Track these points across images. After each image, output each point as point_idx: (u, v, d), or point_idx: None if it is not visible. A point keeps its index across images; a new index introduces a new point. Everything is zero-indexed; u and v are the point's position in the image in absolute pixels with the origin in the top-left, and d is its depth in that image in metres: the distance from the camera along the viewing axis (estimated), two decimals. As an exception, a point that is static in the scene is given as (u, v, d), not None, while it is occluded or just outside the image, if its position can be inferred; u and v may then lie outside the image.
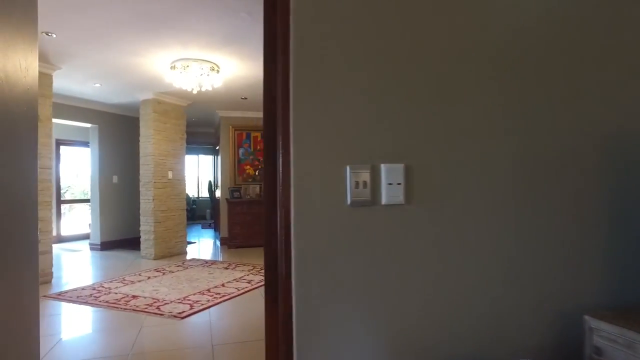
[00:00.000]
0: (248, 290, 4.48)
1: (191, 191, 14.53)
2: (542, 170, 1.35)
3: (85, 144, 7.71)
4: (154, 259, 6.26)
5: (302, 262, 1.24)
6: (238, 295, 4.31)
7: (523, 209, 1.34)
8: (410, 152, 1.30)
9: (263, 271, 4.81)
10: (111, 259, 6.39)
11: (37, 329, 1.66)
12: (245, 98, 6.62)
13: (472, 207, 1.32)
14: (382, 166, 1.30)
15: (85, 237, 7.89)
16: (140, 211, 6.42)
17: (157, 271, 5.43)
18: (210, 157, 13.73)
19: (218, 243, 8.09)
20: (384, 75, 1.25)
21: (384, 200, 1.29)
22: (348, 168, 1.26)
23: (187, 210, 13.39)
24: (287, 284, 1.26)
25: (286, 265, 1.28)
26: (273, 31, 1.40)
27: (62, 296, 4.26)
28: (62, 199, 8.47)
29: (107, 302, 4.02)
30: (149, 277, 5.06)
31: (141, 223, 6.41)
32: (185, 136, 6.97)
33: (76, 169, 9.06)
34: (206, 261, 6.18)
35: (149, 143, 6.32)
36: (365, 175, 1.30)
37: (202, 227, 11.16)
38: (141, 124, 6.43)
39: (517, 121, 1.33)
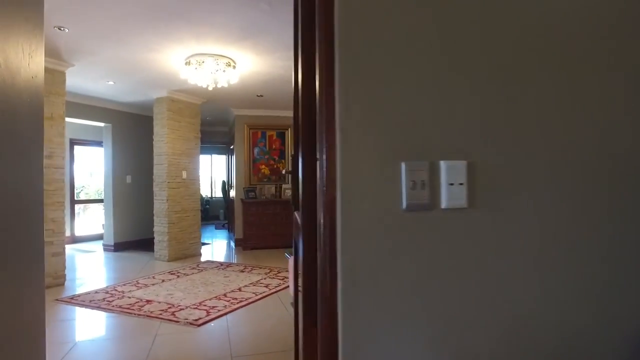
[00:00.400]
0: (266, 295, 4.29)
1: (204, 191, 14.45)
2: (629, 170, 1.13)
3: (100, 143, 7.61)
4: (168, 261, 6.11)
5: (350, 281, 1.04)
6: (256, 300, 4.12)
7: (608, 216, 1.11)
8: (474, 148, 1.08)
9: (280, 274, 4.67)
10: (125, 261, 6.27)
11: (43, 339, 1.46)
12: (261, 95, 6.44)
13: (546, 213, 1.10)
14: (442, 164, 1.09)
15: (100, 237, 7.79)
16: (154, 212, 6.28)
17: (172, 274, 5.28)
18: (223, 157, 13.63)
19: (232, 244, 7.94)
20: (446, 60, 1.04)
21: (443, 204, 1.09)
22: (404, 165, 1.06)
23: (200, 210, 13.36)
24: (330, 305, 1.05)
25: (331, 284, 1.07)
26: (310, 10, 1.20)
27: (75, 300, 4.13)
28: (76, 199, 8.40)
29: (120, 307, 3.86)
30: (163, 280, 4.91)
31: (155, 224, 6.27)
32: (199, 135, 6.82)
33: (90, 168, 9.00)
34: (221, 263, 6.01)
35: (163, 142, 6.18)
36: (423, 174, 1.09)
37: (216, 228, 11.03)
38: (155, 122, 6.30)
39: (597, 113, 1.11)
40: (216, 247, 7.93)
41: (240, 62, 4.69)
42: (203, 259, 6.49)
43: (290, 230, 6.74)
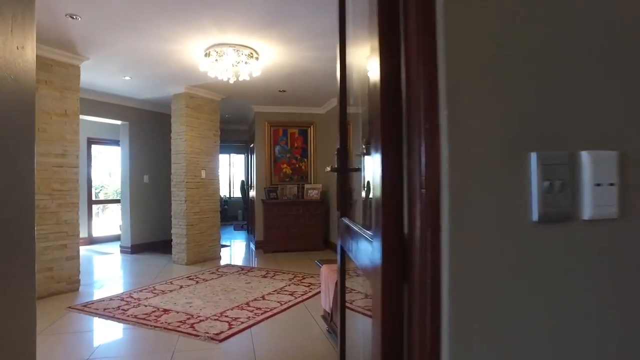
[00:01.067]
0: (292, 305, 3.95)
1: (223, 191, 14.23)
2: None
3: (118, 142, 7.40)
4: (187, 264, 5.84)
5: (461, 330, 0.69)
6: (282, 310, 3.78)
7: None
8: (628, 133, 0.75)
9: (306, 280, 4.26)
10: (141, 264, 6.02)
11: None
12: (284, 91, 6.11)
13: None
14: (584, 155, 0.74)
15: (118, 238, 7.58)
16: (172, 213, 6.02)
17: (190, 279, 4.99)
18: (242, 157, 13.38)
19: (252, 246, 7.64)
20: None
21: (587, 213, 0.73)
22: (534, 157, 0.71)
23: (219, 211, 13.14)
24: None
25: (432, 335, 0.71)
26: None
27: (88, 307, 3.86)
28: (94, 199, 8.23)
29: (135, 317, 3.57)
30: (181, 287, 4.62)
31: (173, 225, 6.01)
32: (219, 133, 6.53)
33: (109, 168, 8.82)
34: (242, 268, 5.71)
35: (181, 140, 5.91)
36: (562, 170, 0.73)
37: (235, 229, 10.77)
38: (173, 120, 6.03)
39: None
40: (236, 249, 7.65)
41: (263, 53, 4.36)
42: (222, 262, 6.20)
43: (313, 233, 6.39)
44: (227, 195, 14.20)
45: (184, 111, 5.88)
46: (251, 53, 4.24)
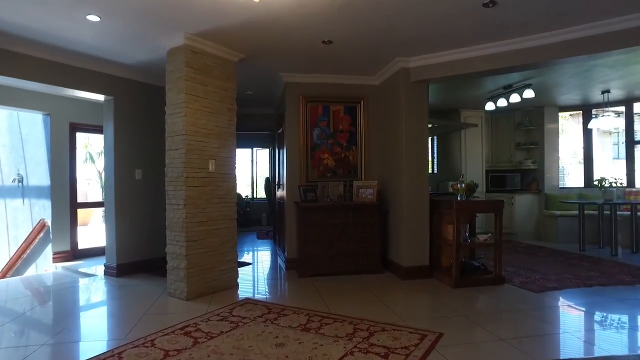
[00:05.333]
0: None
1: (244, 190, 12.40)
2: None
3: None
4: (187, 299, 3.92)
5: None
6: None
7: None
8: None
9: (376, 336, 1.83)
10: (124, 297, 4.13)
11: None
12: (330, 42, 4.11)
13: None
14: None
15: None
16: (167, 223, 4.11)
17: (185, 333, 3.05)
18: (267, 151, 11.49)
19: (282, 265, 5.68)
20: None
21: None
22: None
23: (240, 214, 11.25)
24: None
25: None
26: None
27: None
28: (79, 201, 6.44)
29: None
30: (165, 354, 2.67)
31: (168, 241, 4.10)
32: (235, 107, 4.59)
33: (100, 161, 7.03)
34: (268, 308, 3.73)
35: (179, 116, 3.99)
36: None
37: (258, 237, 8.85)
38: (168, 86, 4.12)
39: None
40: (259, 270, 5.68)
41: None
42: (240, 294, 4.25)
43: (367, 248, 3.49)
44: (250, 196, 12.36)
45: (183, 72, 3.96)
46: None
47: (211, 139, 4.23)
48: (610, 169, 9.28)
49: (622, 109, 7.59)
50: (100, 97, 5.00)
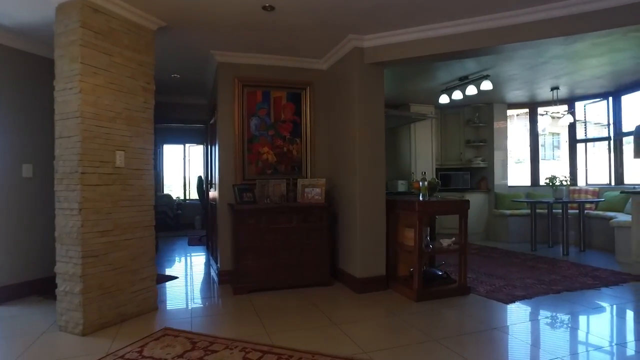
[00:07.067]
0: None
1: (176, 192, 11.25)
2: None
3: None
4: (83, 335, 2.98)
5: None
6: None
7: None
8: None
9: None
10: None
11: None
12: (272, 8, 3.36)
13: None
14: None
15: None
16: (56, 233, 3.12)
17: (69, 393, 2.16)
18: (202, 148, 10.48)
19: (215, 277, 4.83)
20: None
21: None
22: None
23: (170, 217, 10.10)
24: None
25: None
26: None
27: None
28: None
29: None
30: None
31: (57, 257, 3.11)
32: (153, 87, 3.68)
33: None
34: (193, 341, 2.89)
35: (73, 92, 3.04)
36: None
37: (189, 244, 7.85)
38: (57, 53, 3.13)
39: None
40: (188, 285, 4.77)
41: None
42: (160, 320, 3.37)
43: (315, 257, 3.17)
44: (182, 198, 11.26)
45: (78, 35, 3.01)
46: None
47: (119, 124, 3.31)
48: (548, 169, 9.38)
49: (565, 107, 7.57)
50: (-28, 71, 3.86)
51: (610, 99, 7.08)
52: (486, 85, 5.56)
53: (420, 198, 3.96)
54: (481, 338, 2.91)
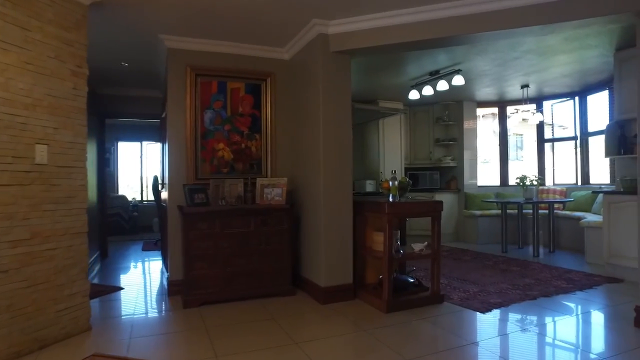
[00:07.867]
0: None
1: (132, 193, 10.57)
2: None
3: None
4: (-11, 367, 2.46)
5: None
6: None
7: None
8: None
9: None
10: None
11: None
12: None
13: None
14: None
15: None
16: (-45, 244, 2.58)
17: None
18: (159, 145, 9.85)
19: (166, 287, 4.34)
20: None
21: None
22: None
23: (125, 220, 9.41)
24: None
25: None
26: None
27: None
28: None
29: None
30: None
31: (-42, 274, 2.57)
32: (86, 72, 3.17)
33: None
34: (125, 369, 2.43)
35: (-22, 73, 2.51)
36: None
37: (144, 249, 7.27)
38: (-42, 25, 2.59)
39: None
40: (133, 297, 4.25)
41: None
42: (90, 344, 2.88)
43: (275, 264, 2.96)
44: (137, 199, 10.59)
45: (-18, 5, 2.49)
46: None
47: (39, 113, 2.79)
48: (514, 169, 9.35)
49: (534, 106, 7.49)
50: None
51: (577, 98, 7.04)
52: (458, 80, 5.32)
53: (390, 199, 3.63)
54: (459, 356, 2.59)
